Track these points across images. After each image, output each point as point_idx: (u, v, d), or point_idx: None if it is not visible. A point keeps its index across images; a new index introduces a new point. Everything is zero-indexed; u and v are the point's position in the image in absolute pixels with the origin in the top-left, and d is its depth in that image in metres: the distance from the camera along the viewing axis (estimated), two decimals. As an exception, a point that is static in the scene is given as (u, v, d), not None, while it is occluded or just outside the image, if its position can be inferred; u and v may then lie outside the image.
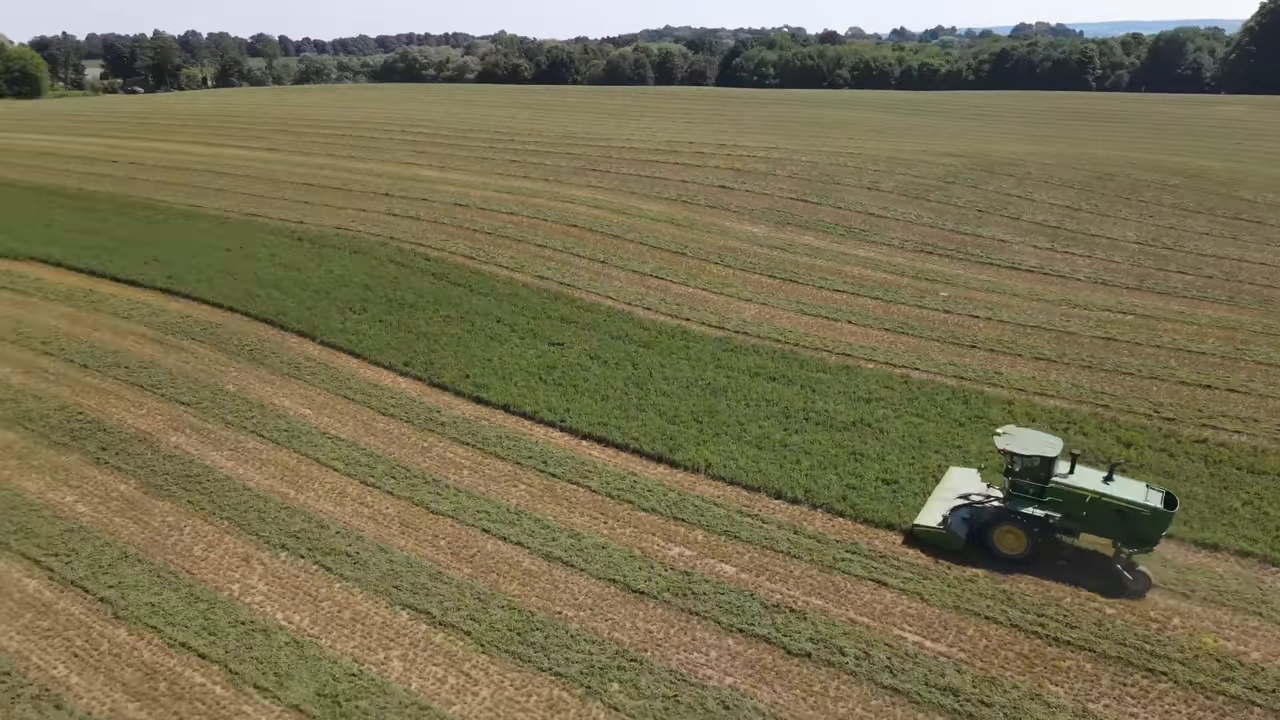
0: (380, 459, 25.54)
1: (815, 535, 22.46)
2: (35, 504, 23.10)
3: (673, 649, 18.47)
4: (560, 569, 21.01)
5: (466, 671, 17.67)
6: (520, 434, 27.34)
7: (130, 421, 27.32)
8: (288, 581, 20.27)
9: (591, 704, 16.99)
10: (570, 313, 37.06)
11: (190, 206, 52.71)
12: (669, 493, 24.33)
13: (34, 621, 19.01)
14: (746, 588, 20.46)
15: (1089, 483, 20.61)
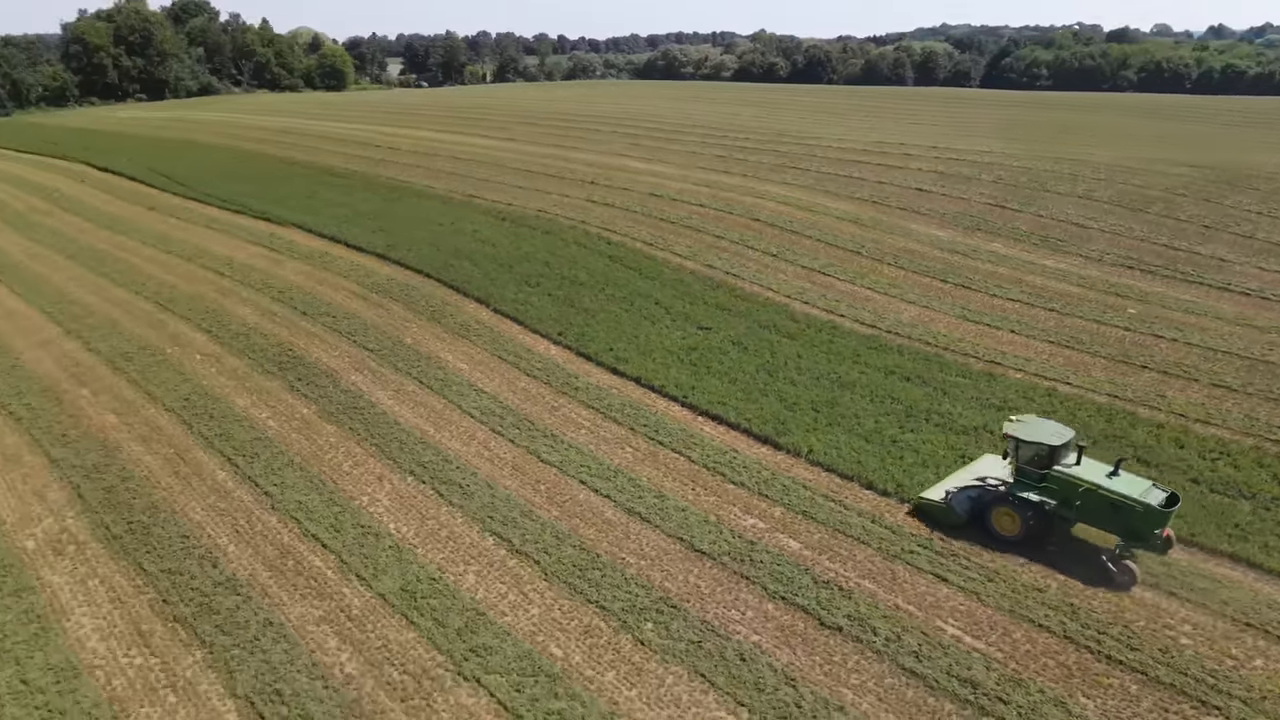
0: (512, 412, 28.67)
1: (891, 527, 22.78)
2: (239, 416, 28.44)
3: (713, 604, 19.87)
4: (637, 523, 22.93)
5: (525, 592, 20.12)
6: (643, 404, 29.45)
7: (324, 360, 32.49)
8: (406, 500, 23.78)
9: (623, 636, 18.83)
10: (727, 301, 38.61)
11: (424, 186, 59.59)
12: (763, 471, 25.46)
13: (216, 503, 23.79)
14: (804, 563, 21.35)
15: (1088, 474, 20.79)
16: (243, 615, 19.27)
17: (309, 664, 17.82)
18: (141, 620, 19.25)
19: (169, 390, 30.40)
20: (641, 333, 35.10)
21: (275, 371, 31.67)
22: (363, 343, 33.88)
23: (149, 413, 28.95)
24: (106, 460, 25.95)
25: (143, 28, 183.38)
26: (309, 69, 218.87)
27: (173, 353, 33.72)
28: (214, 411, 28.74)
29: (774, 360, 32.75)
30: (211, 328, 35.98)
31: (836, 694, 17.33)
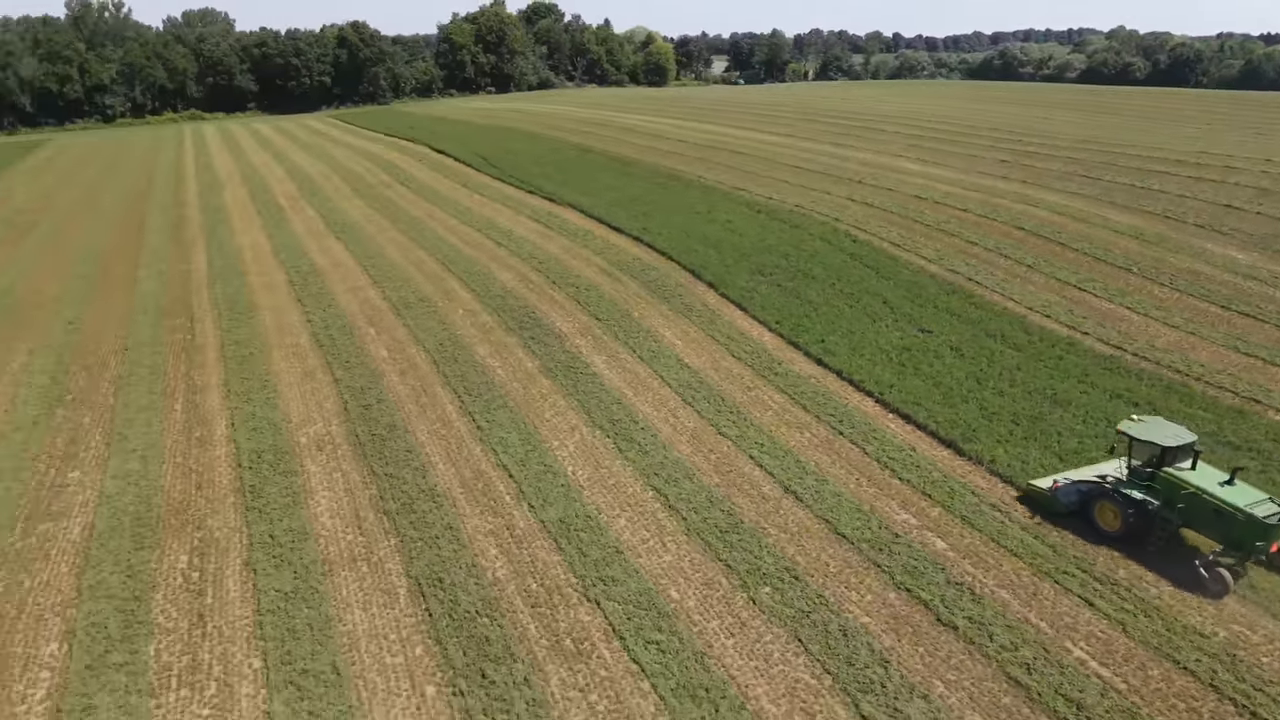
0: (707, 387, 30.57)
1: (1053, 545, 21.81)
2: (477, 362, 33.05)
3: (835, 581, 20.54)
4: (790, 500, 23.95)
5: (664, 541, 22.05)
6: (836, 395, 30.02)
7: (559, 324, 36.44)
8: (588, 449, 26.61)
9: (739, 594, 20.17)
10: (959, 306, 37.54)
11: (696, 177, 62.83)
12: (934, 472, 25.23)
13: (439, 429, 28.19)
14: (944, 563, 21.22)
15: (1198, 479, 20.61)
16: (432, 518, 23.07)
17: (469, 564, 21.10)
18: (360, 508, 23.71)
19: (430, 335, 35.85)
20: (859, 329, 35.33)
21: (516, 329, 36.10)
22: (595, 312, 37.43)
23: (411, 351, 34.44)
24: (371, 385, 31.47)
25: (499, 28, 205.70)
26: (635, 65, 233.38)
27: (442, 305, 39.48)
28: (459, 357, 33.57)
29: (988, 369, 31.65)
30: (477, 288, 41.50)
31: (927, 683, 17.46)
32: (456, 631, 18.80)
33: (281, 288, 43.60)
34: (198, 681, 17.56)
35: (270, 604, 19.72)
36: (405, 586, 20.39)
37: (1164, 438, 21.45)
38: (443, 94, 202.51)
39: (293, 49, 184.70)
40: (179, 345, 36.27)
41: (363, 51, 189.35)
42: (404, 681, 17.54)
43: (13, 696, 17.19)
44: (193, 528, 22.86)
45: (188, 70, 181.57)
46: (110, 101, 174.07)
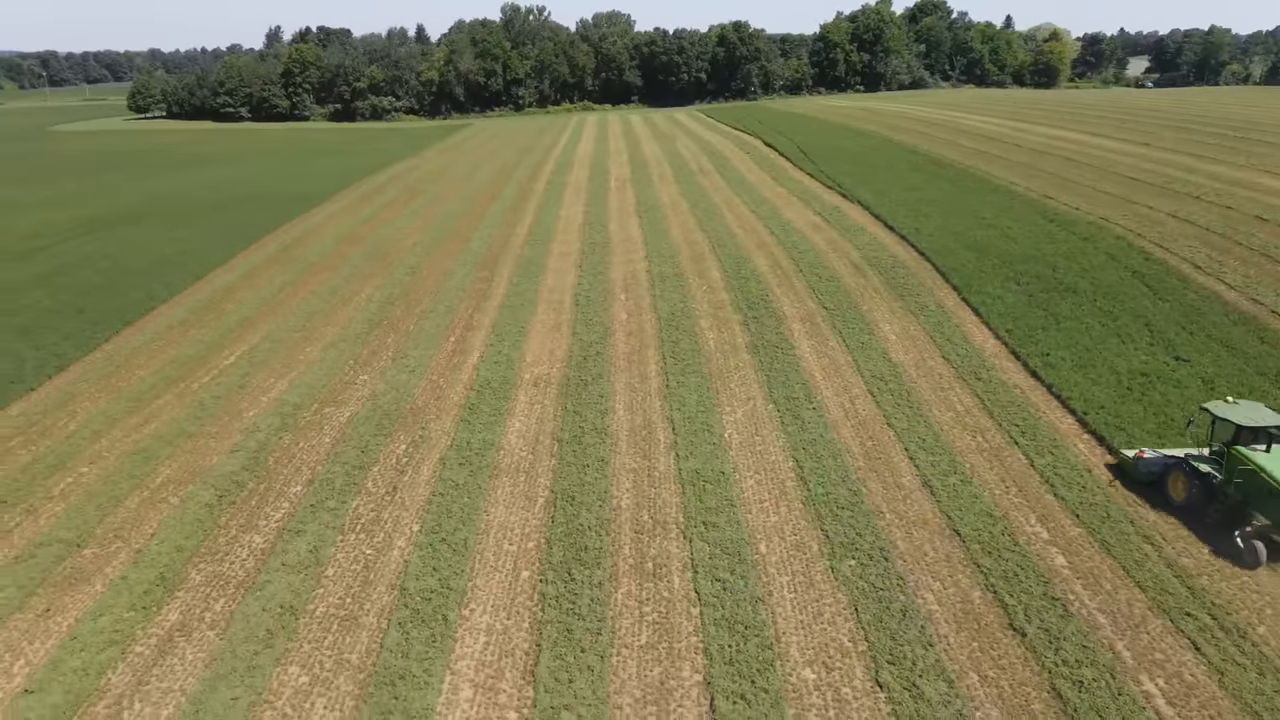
0: (899, 381, 30.87)
1: (1194, 588, 20.06)
2: (695, 333, 36.06)
3: (923, 569, 20.89)
4: (922, 492, 24.21)
5: (778, 504, 23.67)
6: (1032, 408, 28.82)
7: (784, 308, 38.34)
8: (754, 418, 28.61)
9: (822, 561, 21.37)
10: (1240, 339, 33.33)
11: (1005, 182, 59.96)
12: (1098, 494, 23.85)
13: (633, 382, 31.83)
14: (1052, 577, 20.46)
15: (1263, 458, 21.23)
16: (592, 451, 26.73)
17: (603, 490, 24.45)
18: (542, 435, 28.04)
19: (667, 305, 39.60)
20: (1098, 348, 32.99)
21: (744, 309, 38.60)
22: (824, 302, 38.71)
23: (645, 317, 38.47)
24: (600, 339, 35.95)
25: (876, 26, 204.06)
26: (1021, 65, 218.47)
27: (692, 281, 43.05)
28: (681, 325, 36.93)
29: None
30: (730, 269, 44.50)
31: (963, 674, 17.66)
32: (565, 537, 22.31)
33: (573, 255, 50.03)
34: (372, 530, 22.95)
35: (441, 490, 24.72)
36: (544, 498, 24.31)
37: (1242, 418, 22.23)
38: (811, 91, 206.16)
39: (676, 47, 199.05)
40: (476, 293, 43.72)
41: (739, 49, 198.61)
42: (508, 563, 21.46)
43: (258, 520, 23.81)
44: (418, 427, 28.80)
45: (586, 66, 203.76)
46: (521, 93, 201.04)
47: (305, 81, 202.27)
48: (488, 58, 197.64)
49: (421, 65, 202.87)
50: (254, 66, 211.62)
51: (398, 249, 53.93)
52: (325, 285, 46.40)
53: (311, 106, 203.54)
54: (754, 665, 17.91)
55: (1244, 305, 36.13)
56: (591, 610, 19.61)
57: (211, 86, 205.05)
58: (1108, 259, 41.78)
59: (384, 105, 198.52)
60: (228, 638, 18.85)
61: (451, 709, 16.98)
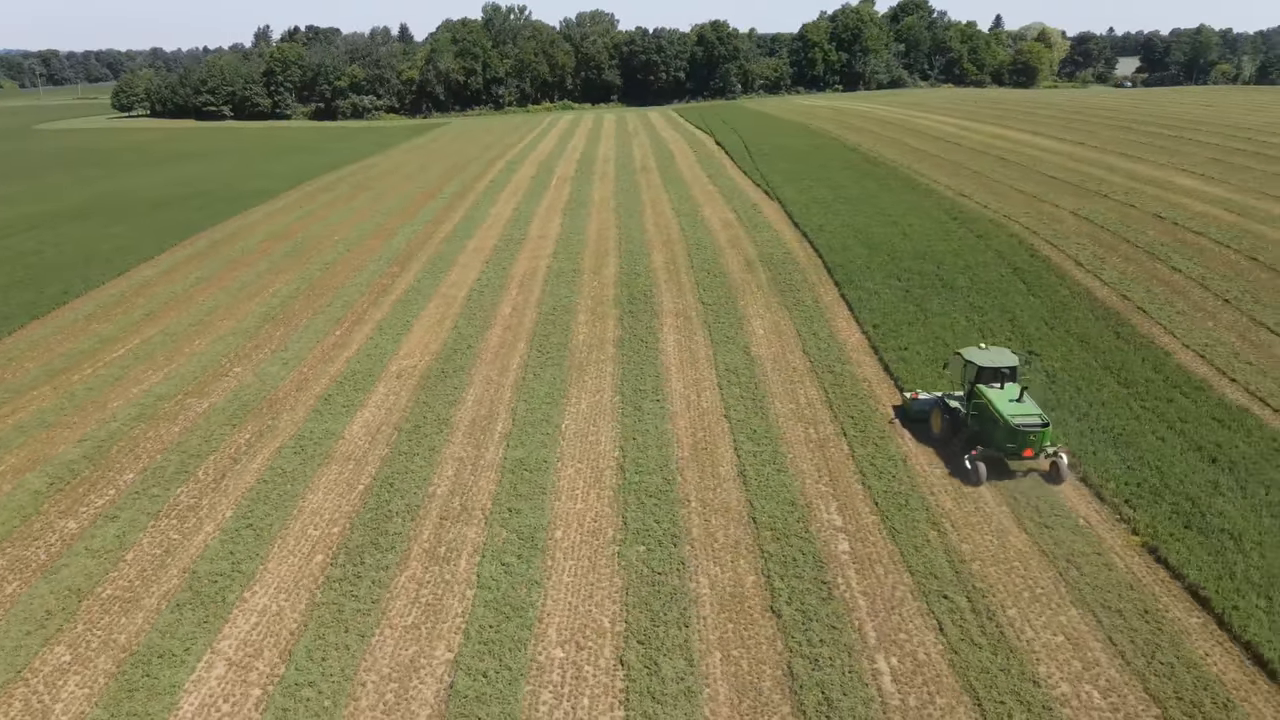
0: (749, 374, 31.46)
1: (973, 585, 20.57)
2: (569, 329, 36.76)
3: (707, 554, 21.40)
4: (735, 482, 24.61)
5: (588, 493, 24.31)
6: (876, 400, 29.29)
7: (664, 303, 39.01)
8: (594, 409, 29.22)
9: (612, 547, 21.89)
10: (1098, 335, 33.88)
11: (930, 181, 60.63)
12: (905, 475, 24.45)
13: (494, 377, 32.49)
14: (833, 562, 20.79)
15: (994, 393, 24.84)
16: (428, 440, 27.42)
17: (423, 478, 25.08)
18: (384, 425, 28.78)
19: (551, 302, 40.27)
20: (959, 342, 33.46)
21: (625, 304, 39.25)
22: (704, 297, 39.40)
23: (528, 313, 39.09)
24: (476, 334, 36.61)
25: (855, 25, 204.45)
26: (1000, 65, 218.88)
27: (587, 278, 43.72)
28: (558, 322, 37.55)
29: (1070, 400, 28.84)
30: (626, 265, 45.25)
31: (707, 653, 18.20)
32: (370, 523, 22.95)
33: (486, 251, 50.69)
34: (185, 517, 23.60)
35: (269, 478, 25.37)
36: (364, 485, 24.98)
37: (984, 360, 25.53)
38: (790, 91, 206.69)
39: (655, 46, 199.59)
40: (379, 289, 44.33)
41: (717, 49, 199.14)
42: (306, 547, 22.10)
43: (79, 507, 24.47)
44: (270, 417, 29.47)
45: (566, 65, 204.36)
46: (501, 92, 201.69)
47: (287, 80, 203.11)
48: (467, 57, 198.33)
49: (403, 64, 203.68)
50: (237, 65, 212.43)
51: (321, 245, 54.57)
52: (238, 280, 47.05)
53: (293, 105, 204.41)
54: (507, 645, 18.51)
55: (1111, 301, 36.75)
56: (369, 592, 20.23)
57: (194, 85, 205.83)
58: (995, 256, 42.39)
59: (365, 104, 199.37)
60: (6, 619, 19.48)
61: (199, 686, 17.60)
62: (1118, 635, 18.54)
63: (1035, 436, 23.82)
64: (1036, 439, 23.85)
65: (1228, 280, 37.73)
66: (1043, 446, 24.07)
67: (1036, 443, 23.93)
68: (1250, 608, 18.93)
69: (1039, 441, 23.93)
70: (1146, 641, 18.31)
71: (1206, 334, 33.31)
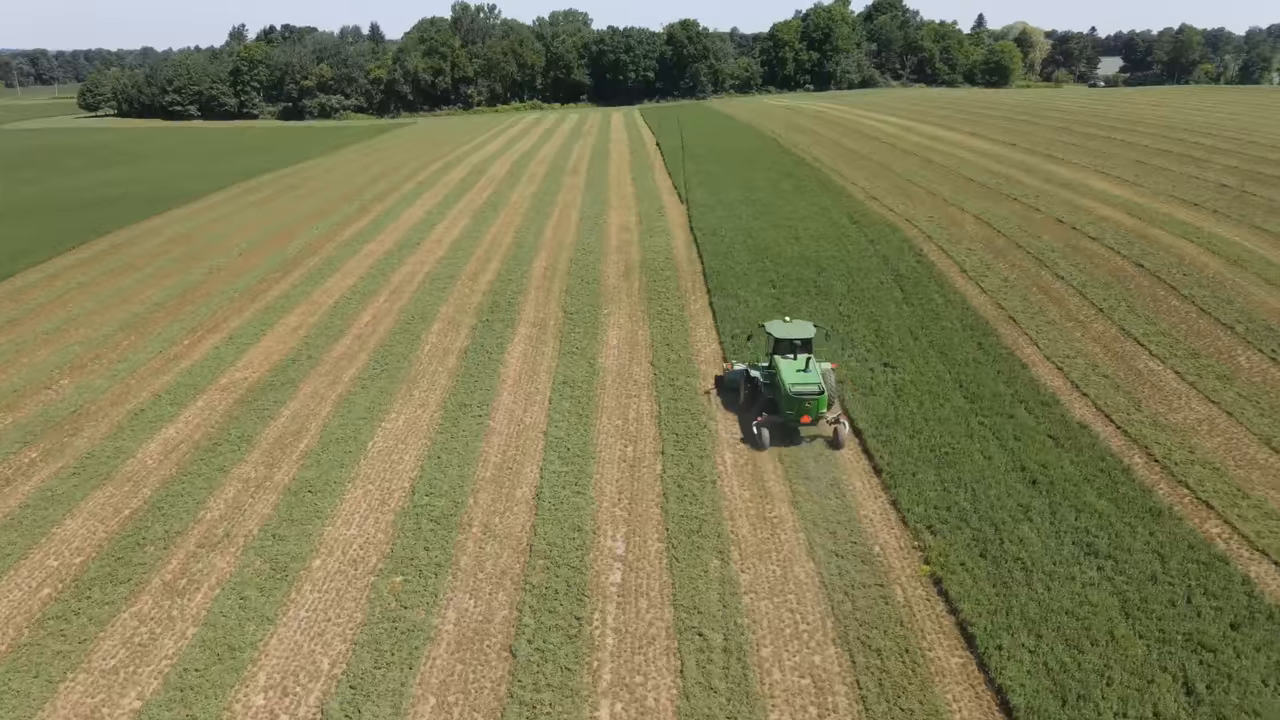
0: (587, 388, 30.09)
1: (734, 622, 19.38)
2: (420, 339, 35.40)
3: (466, 586, 20.09)
4: (528, 505, 23.37)
5: (368, 521, 22.93)
6: (709, 415, 28.07)
7: (527, 313, 37.65)
8: (411, 424, 27.87)
9: (369, 577, 20.62)
10: (956, 344, 32.68)
11: (848, 184, 59.58)
12: (708, 499, 23.17)
13: (325, 384, 31.09)
14: (598, 595, 19.66)
15: (783, 362, 26.49)
16: (217, 464, 25.99)
17: (196, 503, 23.69)
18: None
19: (420, 307, 38.91)
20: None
21: (487, 312, 37.83)
22: (569, 305, 38.07)
23: (385, 321, 37.72)
24: (325, 344, 35.21)
25: (826, 25, 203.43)
26: (973, 64, 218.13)
27: (462, 284, 42.36)
28: (413, 330, 36.20)
29: (925, 425, 27.51)
30: (505, 270, 44.02)
31: (422, 698, 16.93)
32: (119, 552, 21.53)
33: (377, 256, 49.27)
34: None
35: (33, 501, 23.93)
36: (132, 509, 23.53)
37: (780, 332, 27.11)
38: (761, 90, 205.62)
39: (624, 45, 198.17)
40: (252, 295, 42.84)
41: (687, 48, 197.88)
42: (40, 576, 20.67)
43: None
44: (67, 434, 28.03)
45: (536, 65, 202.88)
46: (470, 91, 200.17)
47: (254, 80, 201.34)
48: (435, 56, 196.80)
49: (371, 64, 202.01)
50: (204, 65, 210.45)
51: (217, 249, 53.05)
52: (115, 287, 45.57)
53: (260, 105, 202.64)
54: (206, 691, 17.12)
55: (985, 310, 35.56)
56: (79, 631, 18.82)
57: (160, 84, 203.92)
58: (880, 261, 41.16)
59: (332, 104, 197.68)
60: None
61: None
62: (867, 677, 17.30)
63: (811, 404, 25.11)
64: (813, 406, 25.14)
65: (1107, 288, 36.57)
66: (820, 414, 25.35)
67: (813, 410, 25.19)
68: (1015, 647, 17.71)
69: (815, 409, 25.20)
70: (895, 685, 17.07)
71: (1071, 345, 32.13)
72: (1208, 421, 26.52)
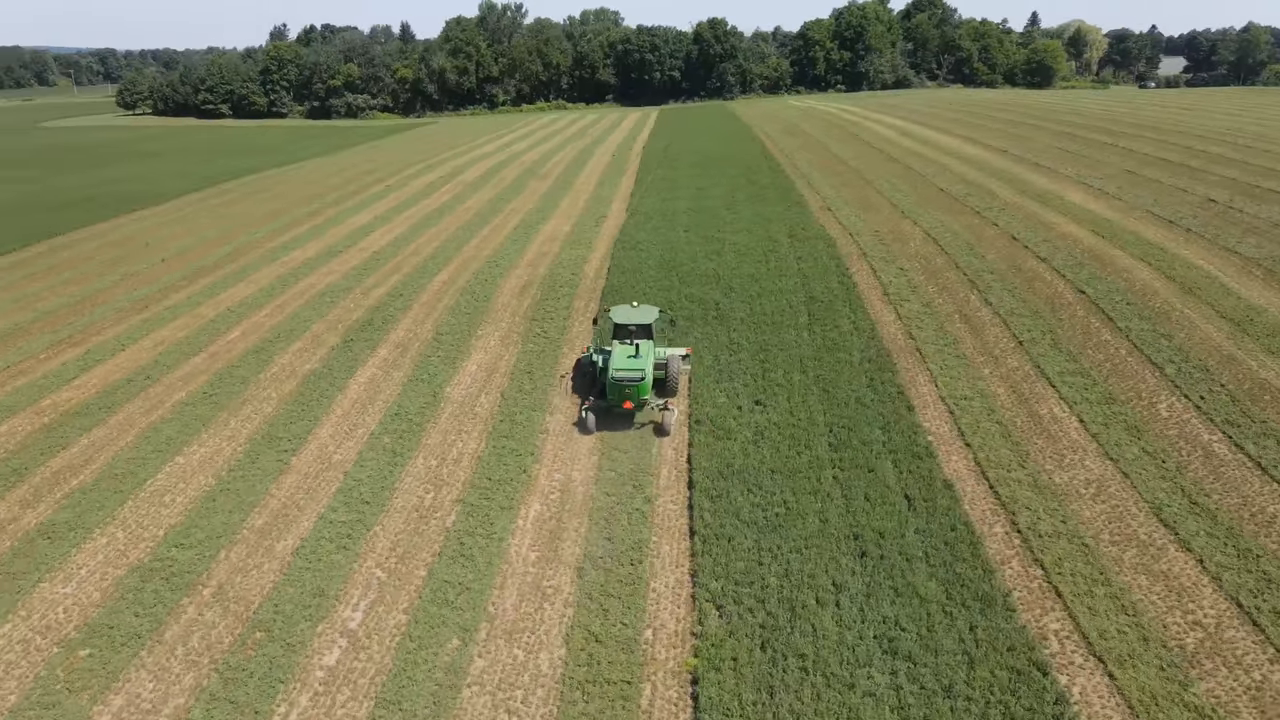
0: (417, 421, 27.34)
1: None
2: (287, 355, 32.97)
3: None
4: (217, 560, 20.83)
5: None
6: (537, 455, 25.24)
7: (398, 332, 34.96)
8: (208, 461, 25.45)
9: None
10: (844, 380, 29.24)
11: (810, 193, 56.23)
12: (489, 557, 20.26)
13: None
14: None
15: (618, 348, 26.45)
16: None
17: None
18: None
19: (297, 323, 36.53)
20: (697, 385, 29.14)
21: (361, 328, 35.31)
22: (443, 324, 35.27)
23: (252, 338, 35.42)
24: (179, 360, 33.02)
25: (859, 23, 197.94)
26: (1013, 64, 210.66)
27: (356, 294, 39.92)
28: (276, 347, 33.80)
29: (770, 477, 24.29)
30: (406, 281, 41.39)
31: None
32: None
33: (296, 262, 47.16)
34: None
35: None
36: None
37: (621, 317, 27.58)
38: (790, 91, 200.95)
39: (650, 45, 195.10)
40: (148, 301, 40.94)
41: (714, 47, 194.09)
42: None
43: None
44: None
45: (562, 64, 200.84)
46: (495, 91, 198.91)
47: (283, 79, 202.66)
48: (460, 55, 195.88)
49: (398, 63, 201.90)
50: (236, 64, 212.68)
51: (143, 256, 51.45)
52: (22, 292, 44.27)
53: (289, 104, 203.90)
54: None
55: (893, 339, 32.01)
56: None
57: (194, 84, 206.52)
58: (799, 282, 37.76)
59: (359, 103, 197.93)
60: None
61: None
62: (553, 811, 14.22)
63: (631, 390, 25.23)
64: (633, 392, 25.26)
65: (1036, 317, 32.70)
66: (641, 400, 25.48)
67: (633, 396, 25.33)
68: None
69: (635, 395, 25.32)
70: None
71: (973, 384, 28.47)
72: (1097, 483, 22.78)
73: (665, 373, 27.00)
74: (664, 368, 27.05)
